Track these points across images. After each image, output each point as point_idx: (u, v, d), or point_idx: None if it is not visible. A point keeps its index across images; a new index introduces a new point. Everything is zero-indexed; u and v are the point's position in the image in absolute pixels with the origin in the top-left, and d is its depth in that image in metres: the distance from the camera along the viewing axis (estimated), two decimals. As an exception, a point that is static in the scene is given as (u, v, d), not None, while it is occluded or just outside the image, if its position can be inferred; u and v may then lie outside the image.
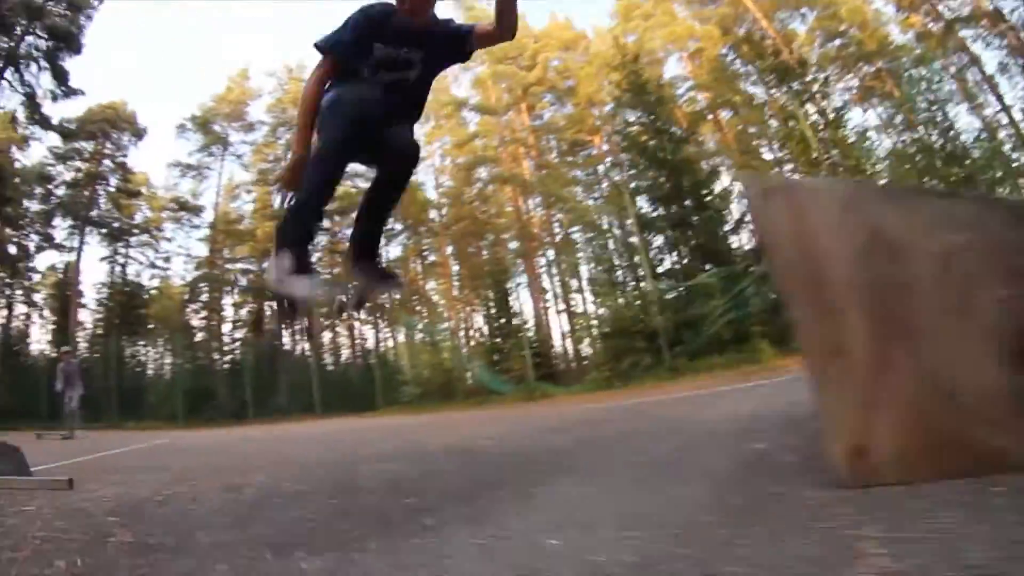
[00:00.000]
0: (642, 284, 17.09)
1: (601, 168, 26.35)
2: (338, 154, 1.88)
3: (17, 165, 27.34)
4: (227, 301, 32.95)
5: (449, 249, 30.57)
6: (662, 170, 16.65)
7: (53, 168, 28.58)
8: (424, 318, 26.11)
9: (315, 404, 20.71)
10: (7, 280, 28.97)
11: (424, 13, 1.90)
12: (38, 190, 28.42)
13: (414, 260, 32.65)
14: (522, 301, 24.44)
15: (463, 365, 20.50)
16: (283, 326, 6.78)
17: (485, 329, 22.75)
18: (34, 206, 28.82)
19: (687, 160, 17.22)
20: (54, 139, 27.60)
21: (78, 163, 29.25)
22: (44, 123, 23.25)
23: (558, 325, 24.97)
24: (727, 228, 17.77)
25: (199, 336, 28.27)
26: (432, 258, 32.46)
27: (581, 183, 26.64)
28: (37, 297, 30.40)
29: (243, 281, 33.43)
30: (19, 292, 30.71)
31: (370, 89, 1.87)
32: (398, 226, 32.40)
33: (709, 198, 17.04)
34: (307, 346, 26.90)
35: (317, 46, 1.94)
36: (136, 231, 32.07)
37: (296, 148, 1.95)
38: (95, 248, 31.28)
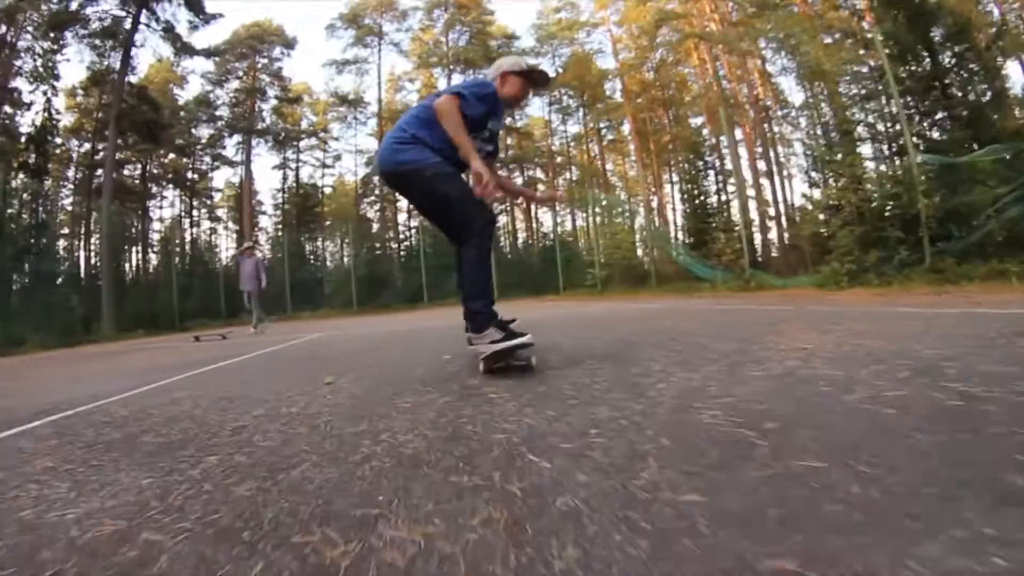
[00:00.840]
0: (896, 159, 14.38)
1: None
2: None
3: (181, 101, 30.99)
4: None
5: (626, 127, 29.75)
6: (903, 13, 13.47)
7: (212, 92, 31.29)
8: (608, 198, 25.36)
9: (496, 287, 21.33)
10: (191, 201, 33.22)
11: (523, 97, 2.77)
12: (203, 117, 31.46)
13: (591, 139, 32.32)
14: (721, 178, 22.88)
15: (658, 248, 19.72)
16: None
17: (681, 209, 21.83)
18: (203, 131, 32.35)
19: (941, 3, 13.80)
20: (208, 66, 30.08)
21: (235, 83, 31.72)
22: (189, 50, 24.72)
23: (759, 207, 23.10)
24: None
25: (374, 227, 30.01)
26: (611, 136, 32.11)
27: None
28: (220, 212, 34.86)
29: None
30: (204, 210, 35.25)
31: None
32: (572, 103, 32.13)
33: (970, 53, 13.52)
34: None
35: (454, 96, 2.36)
36: (303, 136, 34.68)
37: (474, 160, 2.24)
38: (267, 158, 35.05)
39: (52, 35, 21.64)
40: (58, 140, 25.68)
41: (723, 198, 21.38)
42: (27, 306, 15.86)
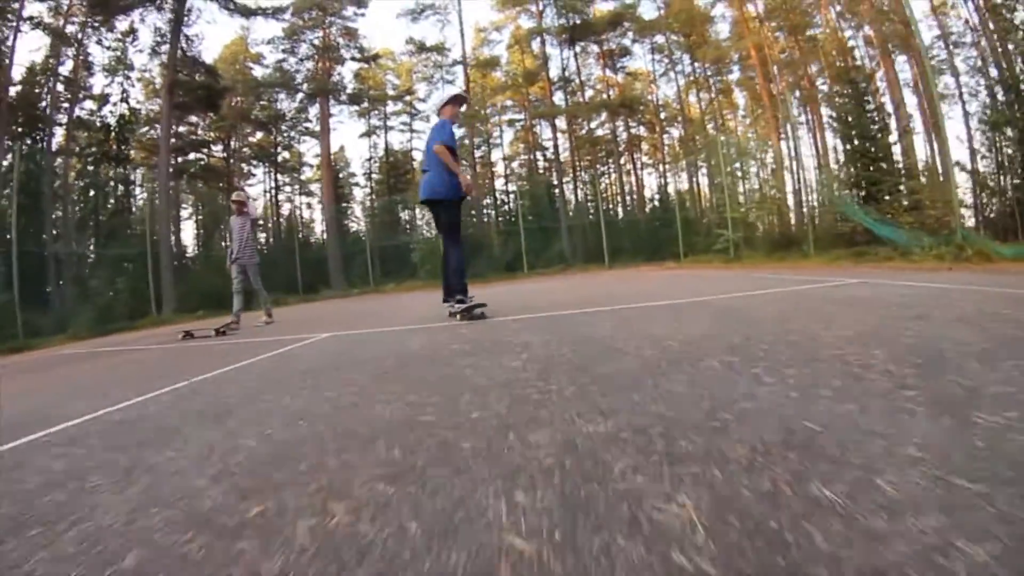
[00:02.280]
0: None
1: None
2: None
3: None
4: (496, 155, 35.22)
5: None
6: None
7: (284, 61, 31.77)
8: (742, 143, 23.09)
9: (602, 254, 20.22)
10: (275, 176, 34.60)
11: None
12: (278, 89, 32.23)
13: (700, 89, 30.19)
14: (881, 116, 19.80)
15: (824, 203, 17.40)
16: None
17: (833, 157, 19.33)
18: (284, 105, 33.33)
19: None
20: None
21: (305, 49, 31.78)
22: (244, 11, 24.93)
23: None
24: None
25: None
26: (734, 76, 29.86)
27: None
28: (316, 187, 35.99)
29: (508, 132, 35.21)
30: (296, 186, 36.75)
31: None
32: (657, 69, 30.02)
33: None
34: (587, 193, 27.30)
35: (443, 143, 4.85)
36: (386, 99, 35.02)
37: (463, 176, 4.92)
38: (352, 126, 35.98)
39: (102, 18, 22.79)
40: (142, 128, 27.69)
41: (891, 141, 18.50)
42: (83, 292, 17.23)
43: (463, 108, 5.49)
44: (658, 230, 22.58)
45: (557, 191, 30.08)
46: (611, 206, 31.83)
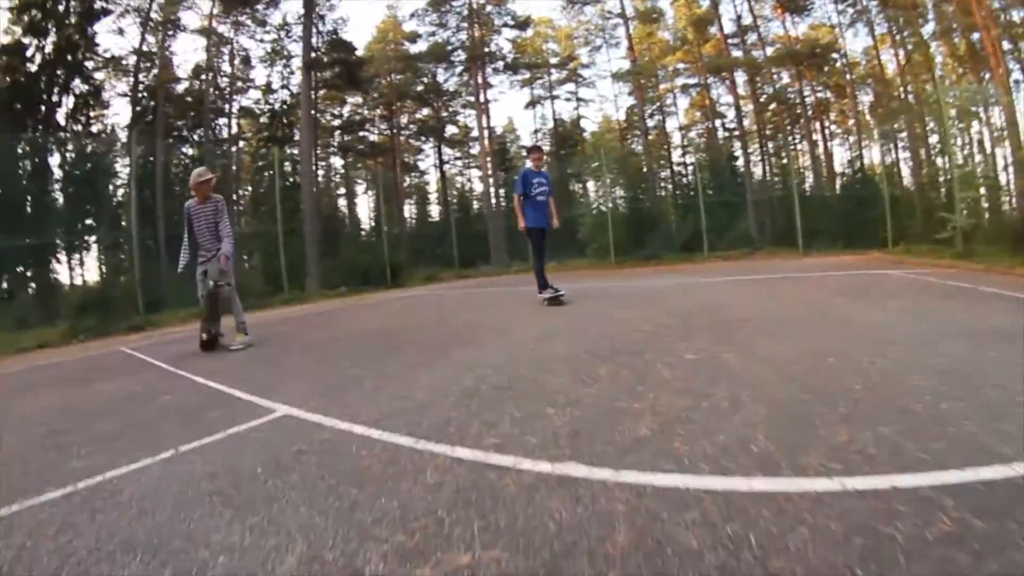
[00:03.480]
0: None
1: None
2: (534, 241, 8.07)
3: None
4: (671, 124, 35.12)
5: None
6: None
7: (434, 35, 33.17)
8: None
9: (793, 235, 19.60)
10: (439, 151, 36.78)
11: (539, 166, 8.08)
12: (439, 67, 33.92)
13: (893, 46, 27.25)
14: None
15: None
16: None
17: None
18: (443, 79, 34.97)
19: None
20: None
21: (454, 20, 32.86)
22: None
23: None
24: None
25: (643, 167, 29.74)
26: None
27: None
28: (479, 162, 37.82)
29: (682, 99, 34.76)
30: (466, 160, 38.91)
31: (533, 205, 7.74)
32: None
33: None
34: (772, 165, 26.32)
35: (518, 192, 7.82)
36: (546, 67, 35.80)
37: (521, 220, 7.74)
38: (514, 97, 37.35)
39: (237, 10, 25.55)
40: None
41: None
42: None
43: (541, 155, 8.47)
44: (856, 210, 21.01)
45: (740, 163, 29.38)
46: (799, 180, 30.25)
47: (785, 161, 30.29)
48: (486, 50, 33.07)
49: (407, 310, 9.43)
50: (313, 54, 25.43)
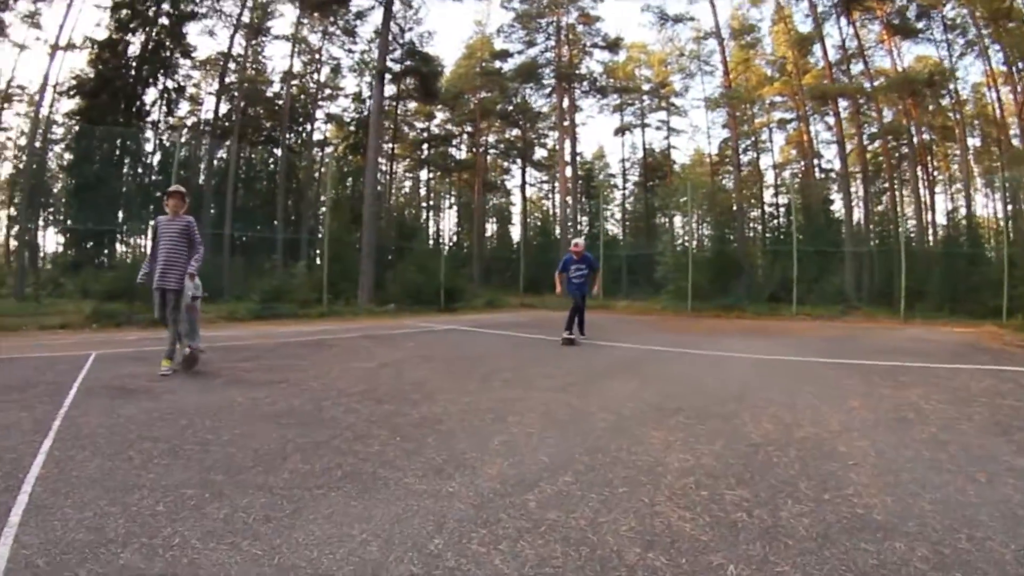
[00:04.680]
0: None
1: None
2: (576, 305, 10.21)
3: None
4: (766, 162, 33.27)
5: None
6: None
7: (522, 52, 32.65)
8: None
9: (892, 294, 17.91)
10: (523, 171, 36.28)
11: (579, 256, 10.49)
12: (527, 86, 33.36)
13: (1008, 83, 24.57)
14: None
15: None
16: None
17: None
18: (535, 100, 34.52)
19: None
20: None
21: (543, 38, 32.23)
22: None
23: None
24: None
25: (733, 203, 28.33)
26: None
27: None
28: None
29: (779, 135, 32.91)
30: (551, 184, 38.26)
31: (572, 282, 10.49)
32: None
33: None
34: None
35: (559, 271, 10.73)
36: (638, 92, 34.78)
37: (559, 288, 10.71)
38: (604, 121, 37.10)
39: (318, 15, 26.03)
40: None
41: None
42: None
43: (579, 246, 10.66)
44: (963, 270, 18.71)
45: (837, 207, 27.06)
46: (896, 232, 27.68)
47: (886, 208, 28.17)
48: (575, 72, 32.12)
49: (408, 359, 7.76)
50: (390, 63, 25.21)
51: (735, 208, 27.33)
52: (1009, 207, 20.32)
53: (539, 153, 37.71)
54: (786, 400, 5.32)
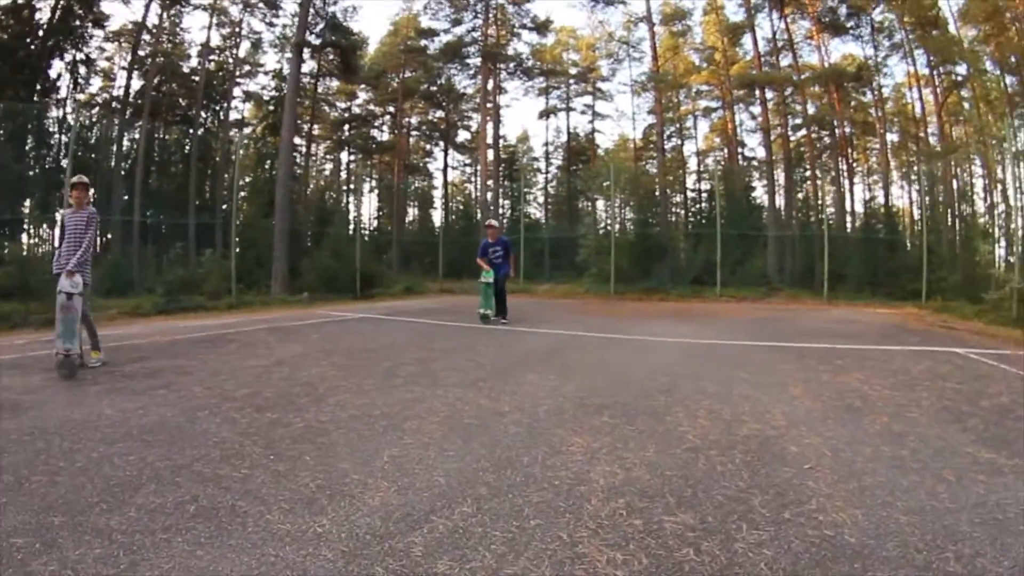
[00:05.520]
0: None
1: None
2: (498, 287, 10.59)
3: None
4: (689, 148, 33.37)
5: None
6: None
7: (448, 31, 31.74)
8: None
9: (814, 278, 18.27)
10: (445, 155, 35.45)
11: (495, 239, 10.85)
12: (452, 66, 32.40)
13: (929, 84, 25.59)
14: None
15: None
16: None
17: None
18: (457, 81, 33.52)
19: None
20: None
21: (470, 17, 31.35)
22: None
23: None
24: None
25: (657, 190, 28.22)
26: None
27: None
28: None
29: (704, 123, 33.10)
30: (474, 169, 37.32)
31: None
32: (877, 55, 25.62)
33: None
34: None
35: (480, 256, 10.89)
36: (564, 76, 34.46)
37: (485, 266, 10.60)
38: (529, 103, 37.07)
39: None
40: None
41: None
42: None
43: (494, 226, 11.32)
44: (883, 255, 19.06)
45: (763, 194, 27.31)
46: (819, 218, 28.36)
47: (807, 195, 28.74)
48: (502, 52, 31.24)
49: (307, 355, 7.01)
50: (310, 36, 23.82)
51: (658, 193, 27.29)
52: (926, 199, 21.02)
53: (462, 136, 36.61)
54: (721, 390, 4.85)
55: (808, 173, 28.82)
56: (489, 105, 31.01)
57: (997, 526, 2.30)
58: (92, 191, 6.47)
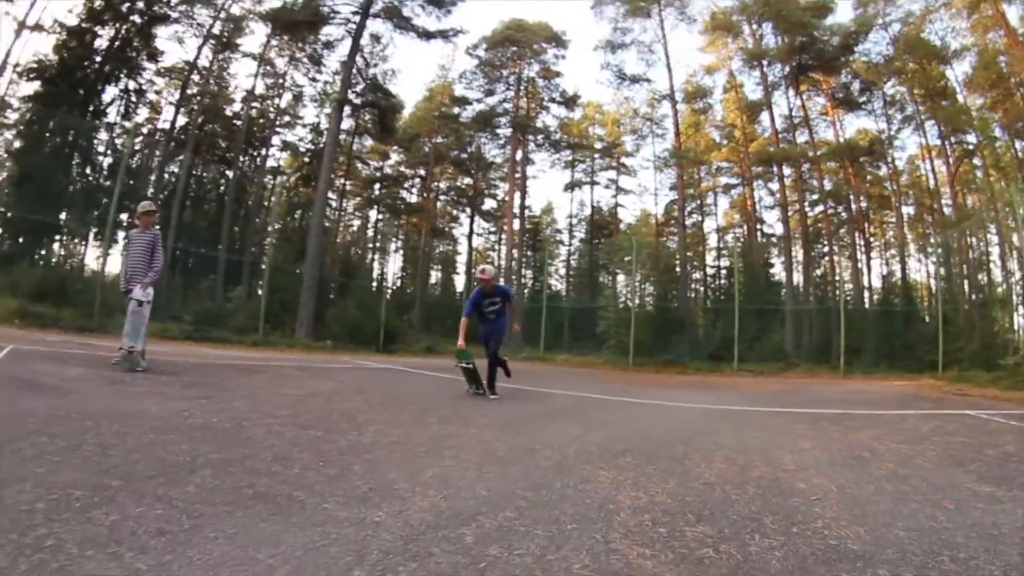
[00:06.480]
0: None
1: None
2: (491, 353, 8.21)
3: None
4: (709, 224, 34.19)
5: None
6: None
7: (481, 101, 33.29)
8: None
9: (831, 352, 18.40)
10: (471, 219, 36.37)
11: (490, 287, 8.19)
12: (483, 135, 33.89)
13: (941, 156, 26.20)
14: None
15: None
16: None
17: None
18: (488, 150, 34.99)
19: None
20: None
21: (503, 88, 33.04)
22: (425, 34, 26.64)
23: None
24: None
25: (677, 266, 28.65)
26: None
27: None
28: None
29: (724, 199, 33.83)
30: (498, 236, 38.13)
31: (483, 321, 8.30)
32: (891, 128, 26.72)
33: None
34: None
35: (465, 314, 8.21)
36: (590, 150, 35.52)
37: (461, 338, 8.00)
38: (555, 176, 38.46)
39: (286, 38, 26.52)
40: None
41: None
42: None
43: (487, 276, 8.33)
44: (899, 328, 19.56)
45: (778, 270, 27.76)
46: (836, 293, 28.67)
47: (825, 272, 29.15)
48: (531, 124, 32.56)
49: (340, 391, 7.18)
50: (351, 95, 25.03)
51: (678, 268, 27.81)
52: (941, 270, 21.35)
53: (489, 203, 37.80)
54: (735, 444, 5.10)
55: (825, 248, 29.33)
56: (517, 175, 32.01)
57: (992, 539, 2.53)
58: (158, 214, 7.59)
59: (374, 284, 28.29)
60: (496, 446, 4.47)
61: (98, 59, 24.33)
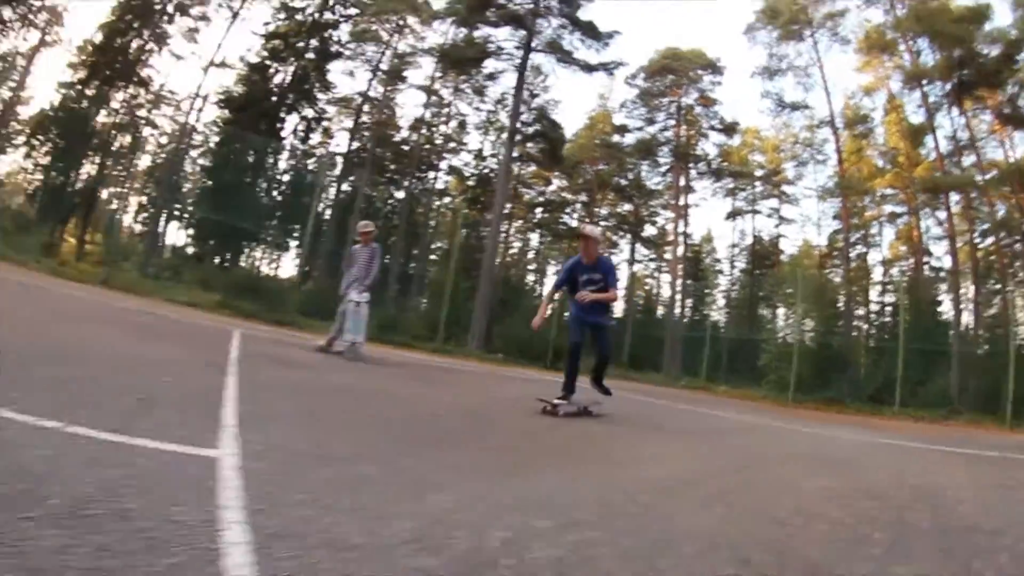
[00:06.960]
0: None
1: None
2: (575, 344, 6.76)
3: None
4: (874, 256, 32.92)
5: None
6: None
7: (641, 130, 34.58)
8: None
9: (1000, 400, 17.12)
10: (632, 247, 37.59)
11: (592, 258, 6.42)
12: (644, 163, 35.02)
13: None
14: None
15: None
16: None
17: None
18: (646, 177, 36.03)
19: None
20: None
21: (663, 117, 34.01)
22: (586, 67, 28.41)
23: None
24: None
25: (840, 300, 28.25)
26: None
27: None
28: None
29: (889, 230, 32.60)
30: (658, 264, 39.14)
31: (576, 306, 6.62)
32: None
33: None
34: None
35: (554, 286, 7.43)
36: (750, 177, 35.68)
37: (539, 317, 7.07)
38: (715, 204, 39.01)
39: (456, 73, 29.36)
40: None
41: None
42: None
43: (592, 238, 6.67)
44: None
45: (945, 307, 26.49)
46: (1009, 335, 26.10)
47: (998, 311, 27.13)
48: (691, 152, 33.47)
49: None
50: (519, 125, 27.44)
51: (842, 304, 27.36)
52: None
53: (649, 230, 38.42)
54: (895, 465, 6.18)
55: (998, 285, 27.10)
56: (678, 203, 32.95)
57: None
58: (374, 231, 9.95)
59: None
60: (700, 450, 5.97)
61: (277, 91, 29.28)
